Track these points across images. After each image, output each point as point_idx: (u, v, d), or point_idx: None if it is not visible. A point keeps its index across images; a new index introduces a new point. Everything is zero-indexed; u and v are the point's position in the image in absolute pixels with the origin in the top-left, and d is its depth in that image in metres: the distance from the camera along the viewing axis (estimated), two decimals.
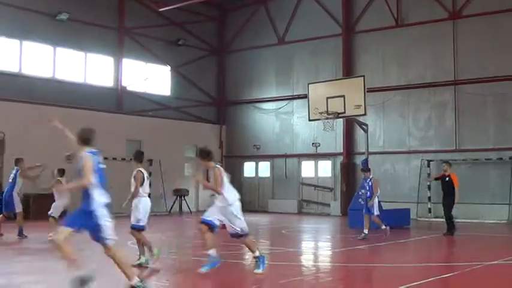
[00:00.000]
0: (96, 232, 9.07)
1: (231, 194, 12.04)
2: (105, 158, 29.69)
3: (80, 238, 9.18)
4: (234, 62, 37.38)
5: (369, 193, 19.08)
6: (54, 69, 30.38)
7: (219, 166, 12.08)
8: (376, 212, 19.03)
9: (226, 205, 11.93)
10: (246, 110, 36.77)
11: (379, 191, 19.30)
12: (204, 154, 12.25)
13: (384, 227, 19.10)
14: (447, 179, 20.49)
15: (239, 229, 12.06)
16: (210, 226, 11.88)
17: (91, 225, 8.93)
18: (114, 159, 30.83)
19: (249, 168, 36.94)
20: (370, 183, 19.06)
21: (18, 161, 19.67)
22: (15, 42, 29.00)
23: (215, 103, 37.81)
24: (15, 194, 19.09)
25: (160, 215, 31.10)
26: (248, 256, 15.74)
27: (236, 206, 12.11)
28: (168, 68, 35.45)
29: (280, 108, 35.09)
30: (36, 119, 28.08)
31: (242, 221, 12.12)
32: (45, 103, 28.67)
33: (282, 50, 35.26)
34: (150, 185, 13.56)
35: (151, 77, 34.63)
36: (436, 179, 21.64)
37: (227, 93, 37.80)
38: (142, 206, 12.99)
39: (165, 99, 35.15)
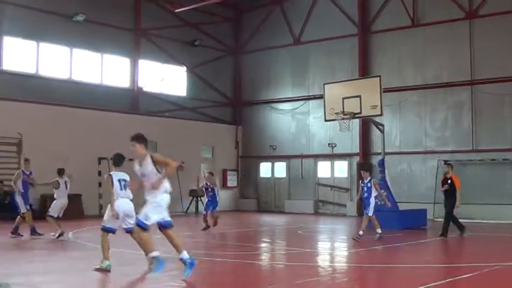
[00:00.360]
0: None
1: (166, 184, 11.50)
2: None
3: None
4: (250, 63, 37.38)
5: (366, 194, 18.82)
6: (71, 70, 30.51)
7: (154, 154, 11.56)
8: (370, 212, 18.79)
9: (159, 194, 11.29)
10: (262, 110, 36.76)
11: (377, 193, 19.07)
12: (141, 139, 11.99)
13: (361, 232, 18.52)
14: (449, 181, 20.26)
15: (141, 217, 11.02)
16: (142, 228, 10.88)
17: None
18: (131, 160, 30.87)
19: (265, 169, 36.93)
20: (368, 185, 18.80)
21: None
22: (32, 43, 29.15)
23: (231, 103, 37.84)
24: (16, 195, 19.34)
25: (177, 215, 31.14)
26: (264, 257, 15.76)
27: (167, 197, 11.46)
28: (184, 68, 35.49)
29: (296, 108, 35.06)
30: (53, 120, 28.30)
31: (167, 214, 11.21)
32: (62, 104, 28.83)
33: (297, 51, 35.22)
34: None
35: (167, 78, 34.69)
36: (443, 185, 20.73)
37: (243, 94, 37.81)
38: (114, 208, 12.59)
39: (181, 100, 35.21)
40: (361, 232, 18.40)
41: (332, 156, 33.59)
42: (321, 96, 27.63)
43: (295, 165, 35.11)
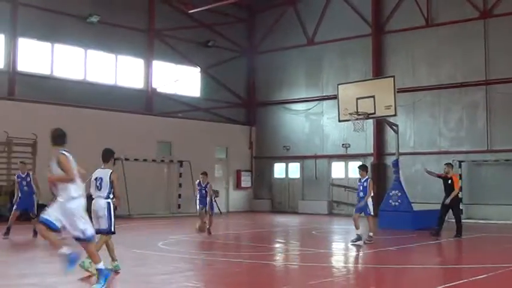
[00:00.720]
0: None
1: (79, 187, 10.21)
2: (136, 160, 30.10)
3: None
4: (264, 63, 37.38)
5: (362, 193, 18.42)
6: (85, 71, 30.64)
7: (64, 152, 10.74)
8: (371, 212, 18.43)
9: (67, 200, 9.91)
10: (275, 111, 36.75)
11: (373, 193, 18.55)
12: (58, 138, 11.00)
13: (371, 234, 18.14)
14: (449, 181, 20.22)
15: (79, 232, 9.97)
16: (49, 227, 9.89)
17: None
18: (145, 160, 31.06)
19: (279, 169, 36.91)
20: (365, 184, 18.37)
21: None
22: (46, 45, 29.29)
23: (245, 104, 37.86)
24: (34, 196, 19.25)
25: (191, 216, 31.21)
26: (278, 257, 15.77)
27: (79, 203, 10.03)
28: (198, 69, 35.55)
29: (310, 109, 35.02)
30: (68, 120, 28.38)
31: (84, 222, 10.09)
32: (77, 105, 28.95)
33: (311, 51, 35.18)
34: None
35: (181, 79, 34.75)
36: (439, 176, 21.10)
37: (257, 94, 37.81)
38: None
39: (195, 101, 35.26)
40: (371, 233, 18.16)
41: (346, 157, 33.52)
42: (335, 97, 27.58)
43: (309, 166, 35.08)
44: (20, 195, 19.11)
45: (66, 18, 29.59)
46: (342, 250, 16.80)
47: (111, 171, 11.92)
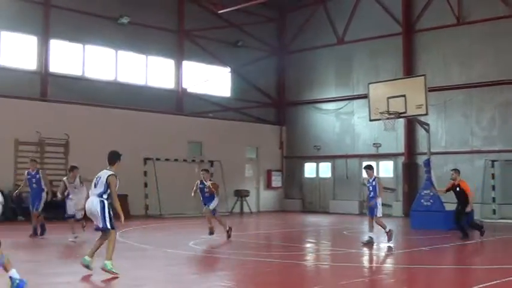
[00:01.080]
0: None
1: None
2: (167, 160, 30.22)
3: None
4: (294, 63, 37.34)
5: (372, 193, 17.90)
6: (116, 72, 30.87)
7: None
8: (379, 214, 17.82)
9: None
10: (306, 110, 36.69)
11: (382, 192, 18.09)
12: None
13: (387, 229, 17.57)
14: (458, 189, 19.61)
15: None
16: None
17: None
18: (176, 160, 31.20)
19: (309, 169, 36.84)
20: (373, 183, 17.89)
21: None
22: (78, 46, 29.56)
23: (275, 104, 37.84)
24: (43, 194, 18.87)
25: (221, 216, 31.26)
26: (309, 257, 15.75)
27: None
28: (228, 69, 35.63)
29: (340, 108, 34.91)
30: (99, 121, 28.66)
31: None
32: (108, 105, 29.19)
33: (341, 50, 35.06)
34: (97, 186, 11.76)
35: (211, 79, 34.85)
36: (447, 190, 20.31)
37: (287, 94, 37.79)
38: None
39: (225, 101, 35.35)
40: (371, 235, 17.46)
41: (377, 156, 33.35)
42: (365, 96, 27.48)
43: (340, 166, 34.95)
44: (29, 191, 19.13)
45: (97, 19, 29.84)
46: (374, 250, 16.70)
47: (110, 173, 11.64)
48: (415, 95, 23.80)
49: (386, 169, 33.24)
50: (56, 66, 28.66)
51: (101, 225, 11.37)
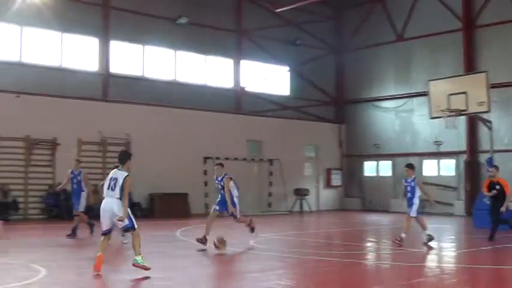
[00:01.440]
0: None
1: None
2: (227, 159, 30.33)
3: None
4: (352, 61, 37.11)
5: (410, 194, 17.41)
6: (176, 72, 31.18)
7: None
8: (413, 214, 17.27)
9: None
10: (365, 108, 36.43)
11: (420, 192, 17.46)
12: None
13: (403, 235, 16.73)
14: (497, 186, 18.81)
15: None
16: None
17: None
18: (236, 159, 31.33)
19: (369, 167, 36.57)
20: (412, 184, 17.45)
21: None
22: (138, 47, 29.97)
23: (334, 102, 37.67)
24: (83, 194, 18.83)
25: (281, 215, 31.33)
26: (369, 256, 15.64)
27: None
28: (287, 68, 35.62)
29: (399, 106, 34.55)
30: (159, 120, 29.01)
31: None
32: (167, 105, 29.51)
33: (400, 47, 34.66)
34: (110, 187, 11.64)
35: (270, 78, 34.90)
36: (489, 190, 19.19)
37: (346, 92, 37.58)
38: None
39: (284, 99, 35.35)
40: (403, 235, 16.82)
41: (438, 155, 32.87)
42: (425, 93, 27.14)
43: (401, 164, 34.45)
44: (71, 191, 19.14)
45: (156, 20, 30.19)
46: (435, 250, 16.48)
47: (126, 174, 11.59)
48: (477, 91, 23.42)
49: (448, 167, 32.76)
50: (116, 67, 29.11)
51: (129, 225, 11.42)
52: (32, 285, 10.08)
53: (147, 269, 11.13)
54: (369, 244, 18.84)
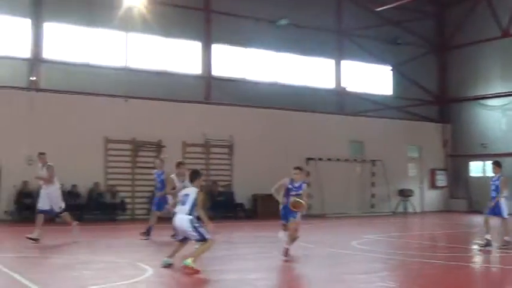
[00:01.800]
0: None
1: None
2: (329, 159, 30.19)
3: None
4: (456, 58, 36.31)
5: (494, 193, 16.40)
6: (277, 73, 31.37)
7: None
8: (505, 215, 16.31)
9: None
10: (470, 107, 35.57)
11: (506, 192, 16.36)
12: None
13: (507, 238, 16.00)
14: None
15: None
16: None
17: None
18: (338, 160, 31.26)
19: (475, 168, 35.65)
20: (496, 183, 16.37)
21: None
22: (239, 49, 30.32)
23: (437, 101, 36.95)
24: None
25: (384, 216, 31.03)
26: (476, 259, 15.30)
27: None
28: (389, 67, 35.22)
29: (506, 104, 33.54)
30: (261, 122, 29.26)
31: None
32: (269, 107, 29.71)
33: (506, 43, 33.56)
34: None
35: (371, 77, 34.61)
36: None
37: (450, 91, 36.80)
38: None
39: (386, 99, 34.97)
40: (506, 238, 16.12)
41: None
42: None
43: (509, 164, 33.49)
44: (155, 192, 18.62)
45: (256, 22, 30.50)
46: None
47: (197, 190, 11.64)
48: None
49: None
50: (218, 70, 29.58)
51: (199, 238, 11.37)
52: (138, 283, 10.36)
53: (196, 271, 11.02)
54: (475, 246, 18.37)
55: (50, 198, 16.61)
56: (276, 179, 18.41)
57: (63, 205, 16.89)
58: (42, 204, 16.47)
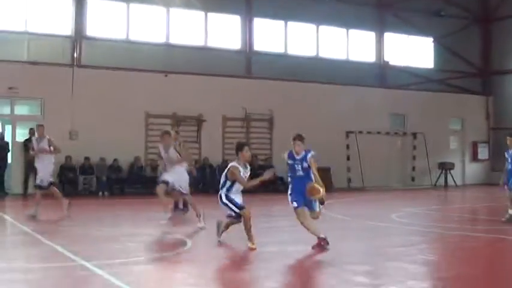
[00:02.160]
0: None
1: None
2: (369, 133, 30.13)
3: None
4: (499, 30, 35.70)
5: (510, 166, 16.28)
6: (318, 47, 31.27)
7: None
8: None
9: None
10: None
11: None
12: None
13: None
14: None
15: None
16: None
17: None
18: (378, 133, 31.15)
19: None
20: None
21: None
22: (280, 23, 30.26)
23: (480, 74, 36.44)
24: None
25: (425, 189, 30.89)
26: None
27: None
28: (431, 39, 34.82)
29: None
30: (302, 96, 29.24)
31: None
32: (310, 81, 29.66)
33: None
34: None
35: (413, 50, 34.27)
36: None
37: (493, 63, 36.25)
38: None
39: (428, 72, 34.61)
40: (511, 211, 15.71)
41: None
42: None
43: None
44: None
45: None
46: None
47: (231, 165, 11.32)
48: None
49: None
50: (259, 44, 29.58)
51: (233, 214, 11.26)
52: (181, 255, 10.56)
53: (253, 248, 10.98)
54: (503, 219, 18.20)
55: (43, 170, 16.06)
56: (315, 153, 18.27)
57: (51, 179, 16.29)
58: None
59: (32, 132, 24.49)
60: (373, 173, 30.39)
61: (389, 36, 33.49)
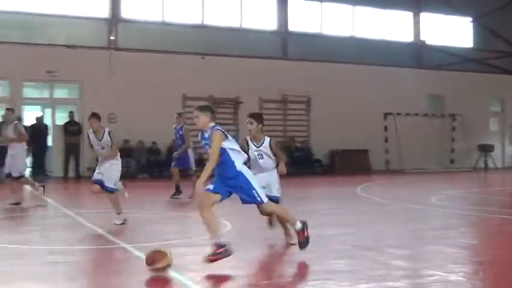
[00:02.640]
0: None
1: None
2: (407, 114, 29.90)
3: None
4: None
5: None
6: (354, 27, 31.04)
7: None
8: None
9: None
10: None
11: None
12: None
13: None
14: None
15: None
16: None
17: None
18: (417, 114, 30.92)
19: None
20: None
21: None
22: (316, 4, 30.09)
23: None
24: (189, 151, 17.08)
25: (464, 171, 30.62)
26: None
27: None
28: (469, 19, 34.30)
29: None
30: (339, 77, 29.09)
31: None
32: (346, 61, 29.47)
33: None
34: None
35: (451, 30, 33.81)
36: None
37: None
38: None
39: (466, 52, 34.12)
40: None
41: None
42: None
43: None
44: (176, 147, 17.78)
45: None
46: None
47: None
48: None
49: None
50: (294, 25, 29.45)
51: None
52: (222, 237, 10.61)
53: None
54: None
55: (13, 160, 14.82)
56: (353, 134, 18.39)
57: (23, 171, 15.24)
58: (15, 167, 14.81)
59: (71, 115, 24.88)
60: (411, 155, 30.19)
61: (426, 16, 33.07)
